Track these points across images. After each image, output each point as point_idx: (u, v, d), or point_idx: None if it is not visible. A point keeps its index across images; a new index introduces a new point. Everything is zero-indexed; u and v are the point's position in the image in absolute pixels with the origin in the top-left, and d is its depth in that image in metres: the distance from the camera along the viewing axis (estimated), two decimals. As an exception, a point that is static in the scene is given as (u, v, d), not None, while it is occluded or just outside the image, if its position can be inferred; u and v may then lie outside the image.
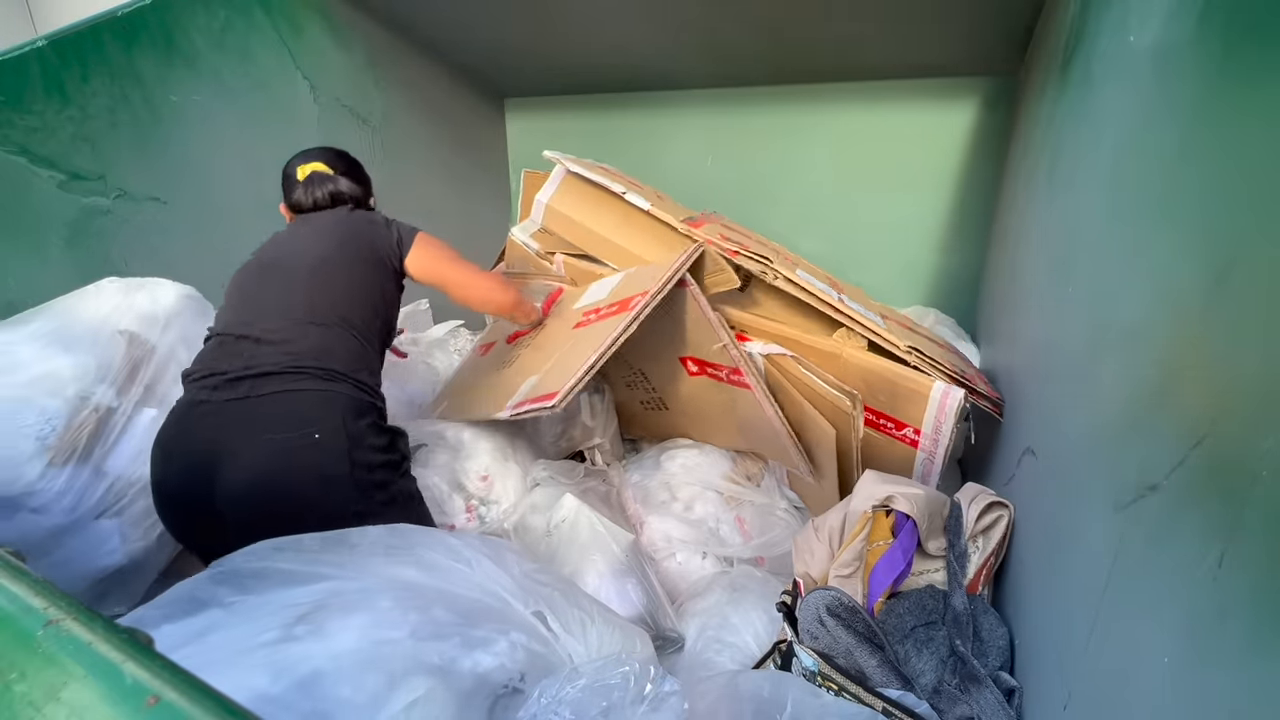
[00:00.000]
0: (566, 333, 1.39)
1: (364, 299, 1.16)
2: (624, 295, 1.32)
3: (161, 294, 1.33)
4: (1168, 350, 0.60)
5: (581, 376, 1.13)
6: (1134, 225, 0.73)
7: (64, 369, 1.14)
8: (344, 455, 1.00)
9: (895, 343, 1.28)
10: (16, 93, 1.31)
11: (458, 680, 0.67)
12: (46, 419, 1.09)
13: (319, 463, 1.00)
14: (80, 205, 1.43)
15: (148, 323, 1.27)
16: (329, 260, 1.17)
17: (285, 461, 0.99)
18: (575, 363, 1.17)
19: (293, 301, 1.11)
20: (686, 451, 1.62)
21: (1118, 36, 0.88)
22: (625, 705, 0.68)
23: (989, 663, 0.94)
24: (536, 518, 1.36)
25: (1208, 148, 0.59)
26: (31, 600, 0.36)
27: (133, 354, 1.23)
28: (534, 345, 1.48)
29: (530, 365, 1.37)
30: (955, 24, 1.69)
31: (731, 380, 1.39)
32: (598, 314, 1.36)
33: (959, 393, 1.20)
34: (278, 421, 1.00)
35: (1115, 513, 0.65)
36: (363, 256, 1.19)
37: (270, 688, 0.59)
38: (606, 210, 1.60)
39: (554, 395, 1.10)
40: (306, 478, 0.99)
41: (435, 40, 2.19)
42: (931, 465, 1.29)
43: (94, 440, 1.14)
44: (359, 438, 1.03)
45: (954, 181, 2.04)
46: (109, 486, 1.15)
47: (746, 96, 2.22)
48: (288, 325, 1.08)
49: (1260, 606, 0.42)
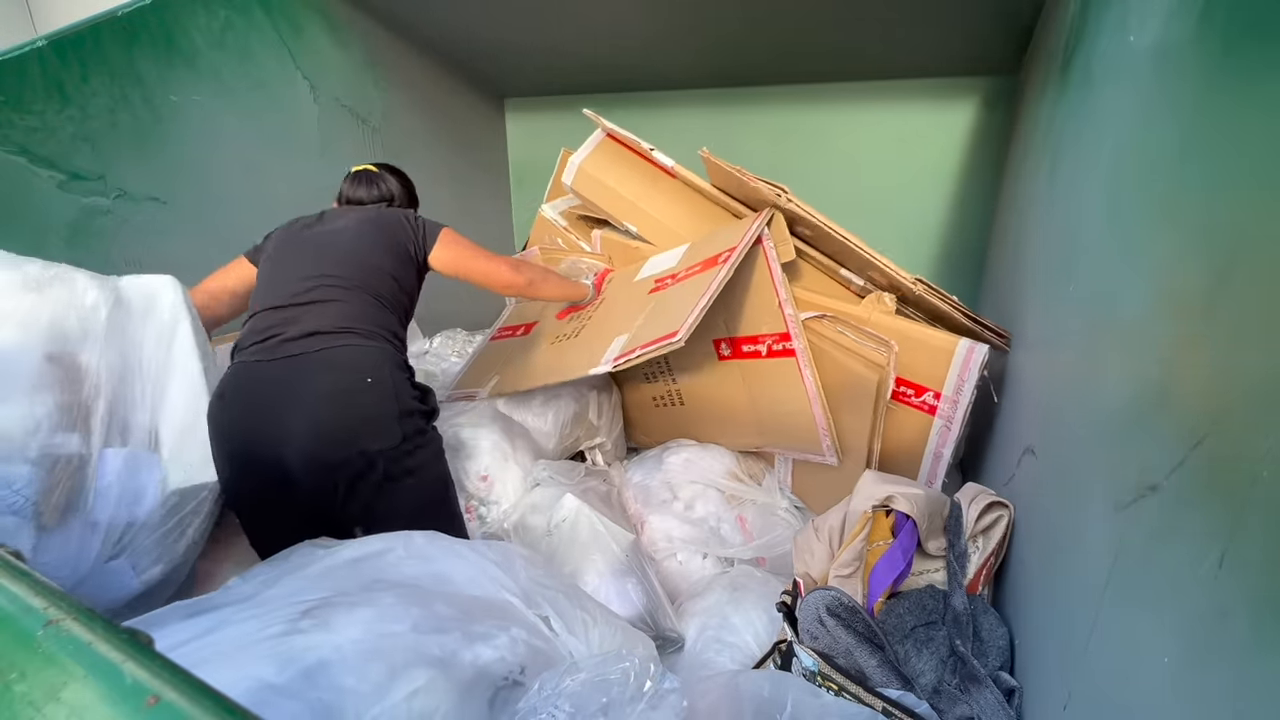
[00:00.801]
0: (642, 298, 1.53)
1: (389, 280, 1.29)
2: (701, 258, 1.47)
3: (81, 288, 1.03)
4: (1168, 350, 0.60)
5: (698, 314, 1.26)
6: (1134, 225, 0.73)
7: (11, 427, 0.93)
8: (391, 398, 1.14)
9: (901, 273, 1.37)
10: (16, 93, 1.31)
11: (458, 671, 0.68)
12: (14, 489, 0.93)
13: (372, 402, 1.13)
14: (80, 205, 1.43)
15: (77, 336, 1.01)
16: (362, 240, 1.30)
17: (345, 401, 1.12)
18: (681, 308, 1.31)
19: (332, 273, 1.24)
20: (689, 449, 1.62)
21: (1118, 36, 0.88)
22: (625, 701, 0.69)
23: (989, 663, 0.94)
24: (536, 518, 1.36)
25: (1208, 147, 0.58)
26: (31, 600, 0.36)
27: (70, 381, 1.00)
28: (600, 316, 1.60)
29: (611, 328, 1.49)
30: (955, 24, 1.69)
31: (773, 353, 1.45)
32: (674, 279, 1.50)
33: (983, 348, 1.29)
34: (336, 369, 1.13)
35: (1115, 513, 0.65)
36: (388, 245, 1.31)
37: (276, 677, 0.60)
38: (635, 176, 1.74)
39: (675, 333, 1.25)
40: (363, 414, 1.13)
41: (435, 40, 2.19)
42: (948, 433, 1.35)
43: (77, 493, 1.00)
44: (401, 386, 1.17)
45: (954, 181, 2.04)
46: (105, 536, 1.04)
47: (746, 96, 2.22)
48: (329, 292, 1.21)
49: (1260, 606, 0.42)
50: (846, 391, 1.43)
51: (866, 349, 1.41)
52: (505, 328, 1.95)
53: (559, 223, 1.93)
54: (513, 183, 2.75)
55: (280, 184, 1.83)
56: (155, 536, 1.07)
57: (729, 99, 2.24)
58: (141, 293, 1.11)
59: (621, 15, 1.89)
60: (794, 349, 1.42)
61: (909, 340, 1.37)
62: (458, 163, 2.47)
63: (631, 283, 1.65)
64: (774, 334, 1.45)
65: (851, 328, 1.44)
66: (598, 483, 1.51)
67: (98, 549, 1.03)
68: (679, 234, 1.68)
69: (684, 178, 1.64)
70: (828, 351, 1.45)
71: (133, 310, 1.09)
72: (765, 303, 1.44)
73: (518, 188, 2.76)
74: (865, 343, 1.41)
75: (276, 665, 0.62)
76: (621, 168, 1.75)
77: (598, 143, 1.79)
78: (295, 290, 1.21)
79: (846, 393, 1.43)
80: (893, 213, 2.13)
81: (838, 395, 1.44)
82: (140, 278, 1.13)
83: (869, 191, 2.15)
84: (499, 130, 2.65)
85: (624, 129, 1.67)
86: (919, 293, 1.36)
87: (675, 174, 1.65)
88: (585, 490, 1.42)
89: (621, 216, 1.76)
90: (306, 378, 1.12)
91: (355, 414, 1.12)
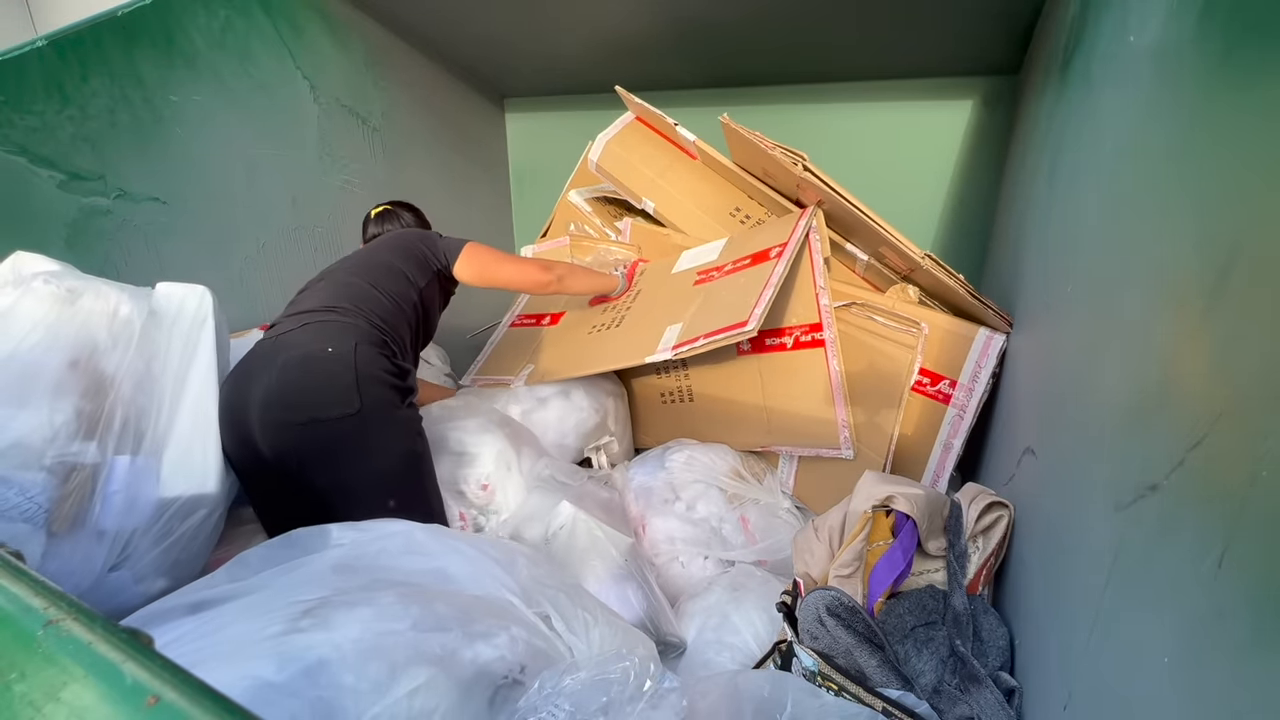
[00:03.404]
0: (688, 289, 1.58)
1: (397, 273, 1.35)
2: (750, 251, 1.54)
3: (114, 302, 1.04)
4: (1168, 350, 0.60)
5: (766, 304, 1.33)
6: (1134, 224, 0.73)
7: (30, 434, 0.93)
8: (349, 366, 1.16)
9: (911, 246, 1.42)
10: (16, 93, 1.31)
11: (458, 670, 0.68)
12: (28, 496, 0.93)
13: (328, 369, 1.15)
14: (80, 205, 1.43)
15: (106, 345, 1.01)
16: (377, 247, 1.42)
17: (302, 368, 1.15)
18: (743, 299, 1.37)
19: (340, 269, 1.36)
20: (690, 447, 1.62)
21: (1118, 36, 0.88)
22: (625, 701, 0.69)
23: (989, 663, 0.94)
24: (532, 528, 1.34)
25: (1208, 147, 0.58)
26: (31, 600, 0.36)
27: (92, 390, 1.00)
28: (641, 306, 1.65)
29: (659, 317, 1.55)
30: (955, 24, 1.69)
31: (800, 344, 1.50)
32: (720, 271, 1.56)
33: (1000, 338, 1.34)
34: (305, 342, 1.18)
35: (1115, 513, 0.65)
36: (406, 254, 1.40)
37: (275, 676, 0.61)
38: (660, 155, 1.87)
39: (745, 322, 1.30)
40: (317, 382, 1.15)
41: (435, 40, 2.19)
42: (960, 422, 1.38)
43: (87, 502, 0.99)
44: (367, 357, 1.18)
45: (954, 181, 2.04)
46: (110, 545, 1.03)
47: (746, 96, 2.22)
48: (331, 280, 1.32)
49: (1260, 606, 0.42)
50: (872, 379, 1.48)
51: (897, 332, 1.47)
52: (526, 315, 1.97)
53: (584, 208, 2.03)
54: (513, 183, 2.75)
55: (280, 184, 1.83)
56: (159, 548, 1.06)
57: (729, 99, 2.23)
58: (172, 301, 1.12)
59: (622, 15, 1.89)
60: (824, 339, 1.48)
61: (931, 327, 1.43)
62: (458, 163, 2.47)
63: (670, 274, 1.70)
64: (804, 325, 1.49)
65: (882, 312, 1.50)
66: (598, 487, 1.50)
67: (103, 558, 1.02)
68: (695, 212, 1.78)
69: (706, 154, 1.71)
70: (856, 338, 1.51)
71: (162, 320, 1.09)
72: (801, 294, 1.50)
73: (518, 188, 2.75)
74: (895, 326, 1.47)
75: (276, 663, 0.62)
76: (646, 147, 1.88)
77: (627, 123, 1.93)
78: (306, 288, 1.34)
79: (872, 380, 1.48)
80: (892, 212, 2.10)
81: (861, 385, 1.48)
82: (173, 286, 1.13)
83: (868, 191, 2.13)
84: (499, 130, 2.65)
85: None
86: (927, 267, 1.40)
87: (698, 149, 1.73)
88: (583, 495, 1.40)
89: (642, 192, 1.86)
90: (281, 349, 1.18)
91: (310, 381, 1.15)
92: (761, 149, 1.49)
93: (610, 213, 2.03)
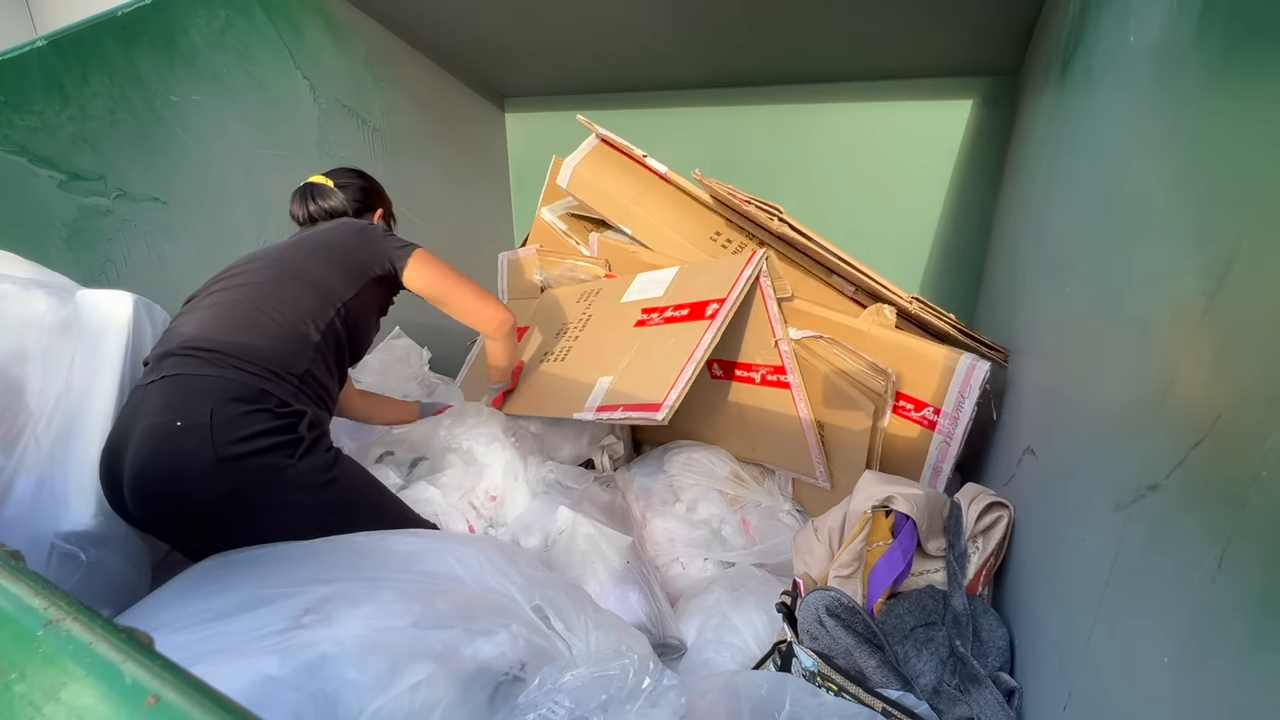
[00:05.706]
0: (628, 331, 1.47)
1: (314, 301, 1.14)
2: (690, 299, 1.40)
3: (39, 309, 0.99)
4: (1168, 350, 0.60)
5: (681, 390, 1.21)
6: (1134, 224, 0.73)
7: None
8: (205, 443, 0.95)
9: (898, 292, 1.34)
10: (16, 93, 1.31)
11: (459, 666, 0.69)
12: None
13: (180, 449, 0.96)
14: (80, 205, 1.43)
15: (19, 354, 0.96)
16: (297, 255, 1.18)
17: (154, 447, 0.96)
18: (666, 369, 1.26)
19: (230, 296, 1.10)
20: (689, 449, 1.62)
21: (1118, 36, 0.88)
22: (624, 698, 0.69)
23: (989, 663, 0.94)
24: (531, 539, 1.33)
25: (1208, 147, 0.58)
26: (31, 600, 0.36)
27: (9, 405, 0.94)
28: (587, 339, 1.56)
29: (596, 363, 1.45)
30: (955, 24, 1.69)
31: (766, 382, 1.42)
32: (660, 314, 1.44)
33: (984, 365, 1.25)
34: (154, 409, 0.98)
35: (1115, 513, 0.65)
36: (332, 260, 1.18)
37: (278, 671, 0.62)
38: (630, 180, 1.73)
39: (658, 407, 1.20)
40: (169, 464, 0.96)
41: (435, 40, 2.19)
42: (948, 448, 1.31)
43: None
44: (233, 424, 0.97)
45: (954, 181, 2.04)
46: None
47: (746, 96, 2.22)
48: (215, 308, 1.08)
49: (1260, 606, 0.42)
50: (843, 416, 1.39)
51: (865, 375, 1.36)
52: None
53: (558, 226, 1.93)
54: (513, 183, 2.75)
55: (280, 184, 1.82)
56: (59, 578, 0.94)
57: (729, 99, 2.24)
58: (96, 310, 1.04)
59: (622, 15, 1.89)
60: (789, 383, 1.40)
61: (910, 354, 1.34)
62: (458, 163, 2.47)
63: (619, 304, 1.59)
64: (768, 365, 1.43)
65: (849, 351, 1.39)
66: (599, 490, 1.50)
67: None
68: (673, 238, 1.67)
69: (677, 183, 1.61)
70: (824, 374, 1.41)
71: (86, 328, 1.02)
72: (760, 338, 1.41)
73: (518, 188, 2.76)
74: (863, 369, 1.37)
75: (279, 659, 0.63)
76: (615, 171, 1.74)
77: (592, 147, 1.78)
78: (195, 296, 1.13)
79: (843, 417, 1.40)
80: (891, 212, 2.13)
81: (834, 418, 1.41)
82: (94, 293, 1.06)
83: (868, 191, 2.15)
84: (499, 131, 2.65)
85: (624, 129, 1.68)
86: (915, 311, 1.34)
87: (669, 180, 1.62)
88: (582, 499, 1.40)
89: (616, 220, 1.75)
90: (140, 413, 0.99)
91: (162, 462, 0.95)
92: (736, 202, 1.44)
93: (586, 227, 1.93)
